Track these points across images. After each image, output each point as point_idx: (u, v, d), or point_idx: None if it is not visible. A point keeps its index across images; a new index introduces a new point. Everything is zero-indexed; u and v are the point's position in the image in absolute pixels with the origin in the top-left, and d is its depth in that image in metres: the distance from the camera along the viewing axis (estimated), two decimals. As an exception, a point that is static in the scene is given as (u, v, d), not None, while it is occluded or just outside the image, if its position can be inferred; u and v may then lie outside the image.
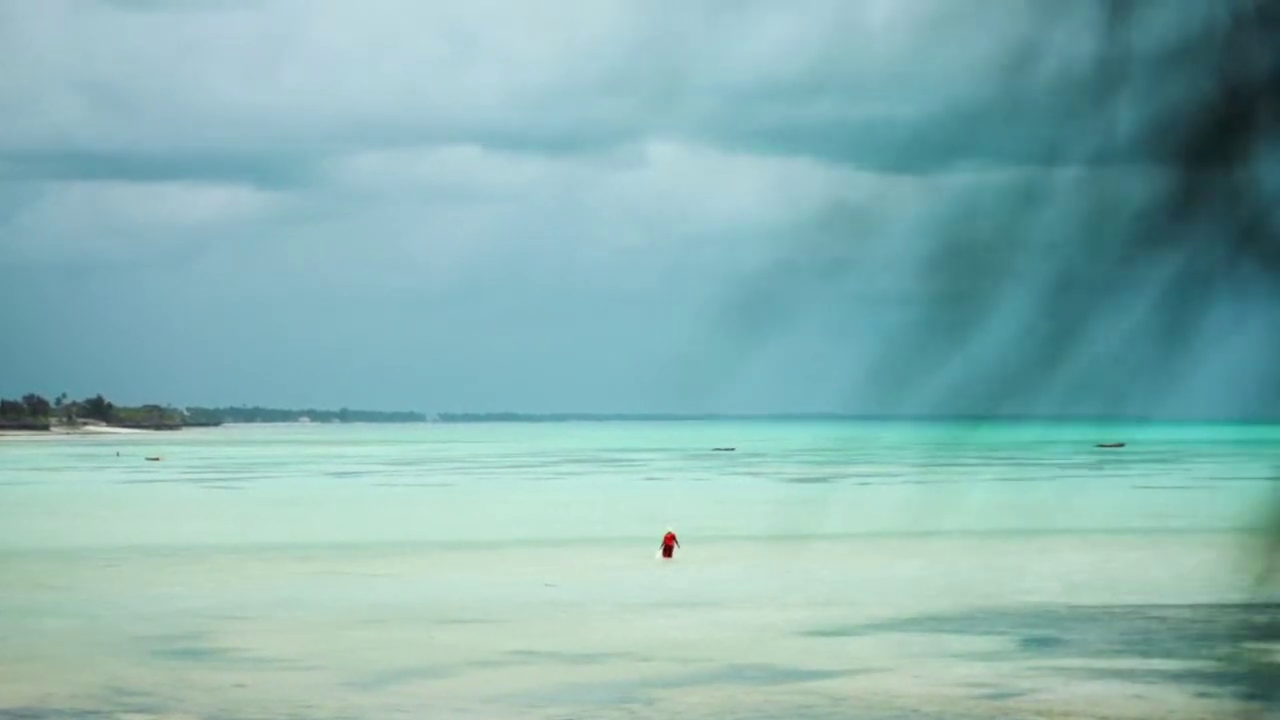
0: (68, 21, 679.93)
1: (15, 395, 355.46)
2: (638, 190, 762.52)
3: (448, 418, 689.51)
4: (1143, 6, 5.94)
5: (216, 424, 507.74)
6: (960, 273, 6.19)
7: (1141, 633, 35.80)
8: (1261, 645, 34.07)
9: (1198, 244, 6.05)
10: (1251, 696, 28.45)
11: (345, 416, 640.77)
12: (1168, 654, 32.68)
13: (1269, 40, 5.61)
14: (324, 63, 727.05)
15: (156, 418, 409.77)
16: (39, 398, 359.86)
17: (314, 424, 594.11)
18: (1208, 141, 5.94)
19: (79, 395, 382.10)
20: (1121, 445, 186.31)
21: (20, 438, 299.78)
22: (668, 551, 55.50)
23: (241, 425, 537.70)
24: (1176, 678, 29.94)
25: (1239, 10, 5.66)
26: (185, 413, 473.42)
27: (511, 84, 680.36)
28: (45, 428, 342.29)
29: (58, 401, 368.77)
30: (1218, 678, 29.96)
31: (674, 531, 57.90)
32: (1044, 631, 36.26)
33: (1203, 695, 28.29)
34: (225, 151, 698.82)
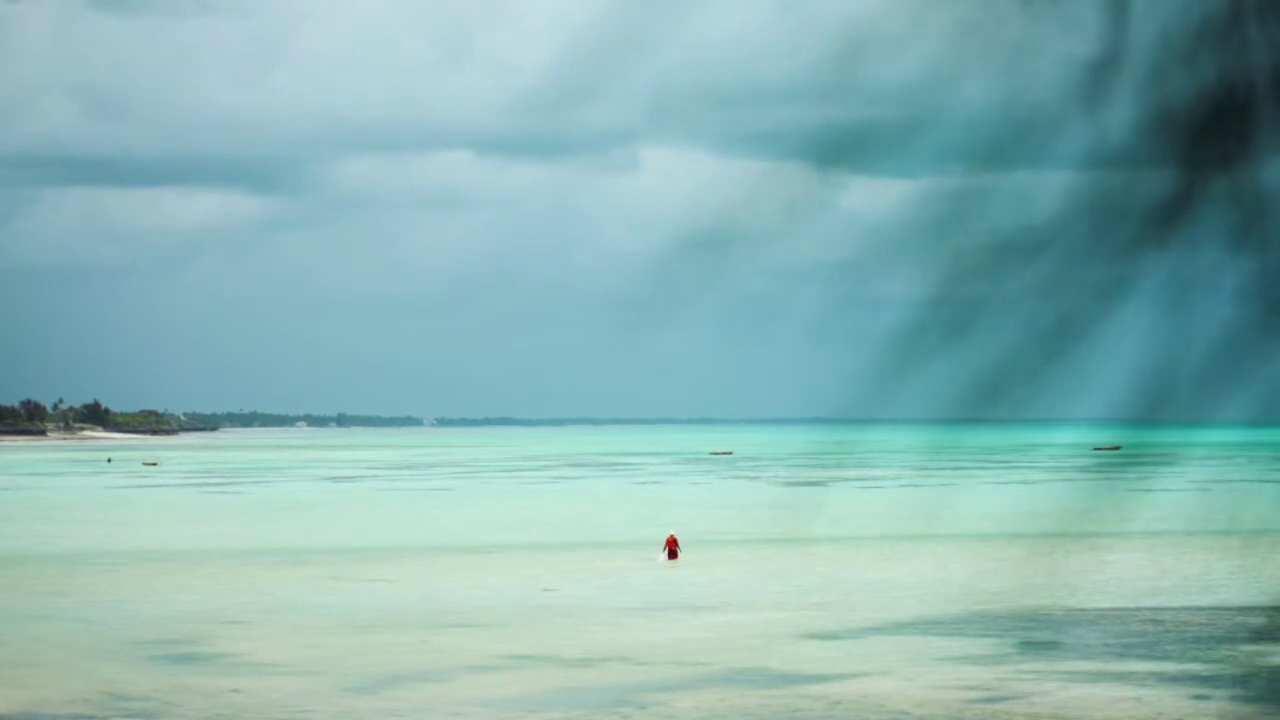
0: (61, 28, 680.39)
1: (12, 400, 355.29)
2: (631, 194, 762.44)
3: (444, 422, 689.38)
4: (1140, 5, 5.91)
5: (213, 429, 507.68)
6: (955, 275, 6.16)
7: (1139, 636, 35.77)
8: (1259, 648, 34.04)
9: (1195, 245, 6.01)
10: (1248, 699, 28.44)
11: (342, 421, 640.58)
12: (1165, 657, 32.66)
13: (1267, 37, 5.58)
14: (316, 68, 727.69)
15: (153, 423, 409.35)
16: (36, 403, 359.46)
17: (311, 429, 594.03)
18: (1206, 141, 5.90)
19: (76, 400, 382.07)
20: (1118, 448, 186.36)
21: (17, 443, 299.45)
22: (671, 554, 55.43)
23: (238, 430, 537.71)
24: (1174, 680, 29.91)
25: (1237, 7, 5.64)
26: (182, 418, 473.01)
27: (503, 89, 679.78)
28: (42, 433, 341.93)
29: (54, 407, 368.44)
30: (1215, 680, 29.94)
31: (675, 535, 57.88)
32: (1040, 634, 36.23)
33: (1200, 698, 28.27)
34: (218, 157, 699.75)
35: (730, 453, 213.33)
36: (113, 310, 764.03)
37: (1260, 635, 35.83)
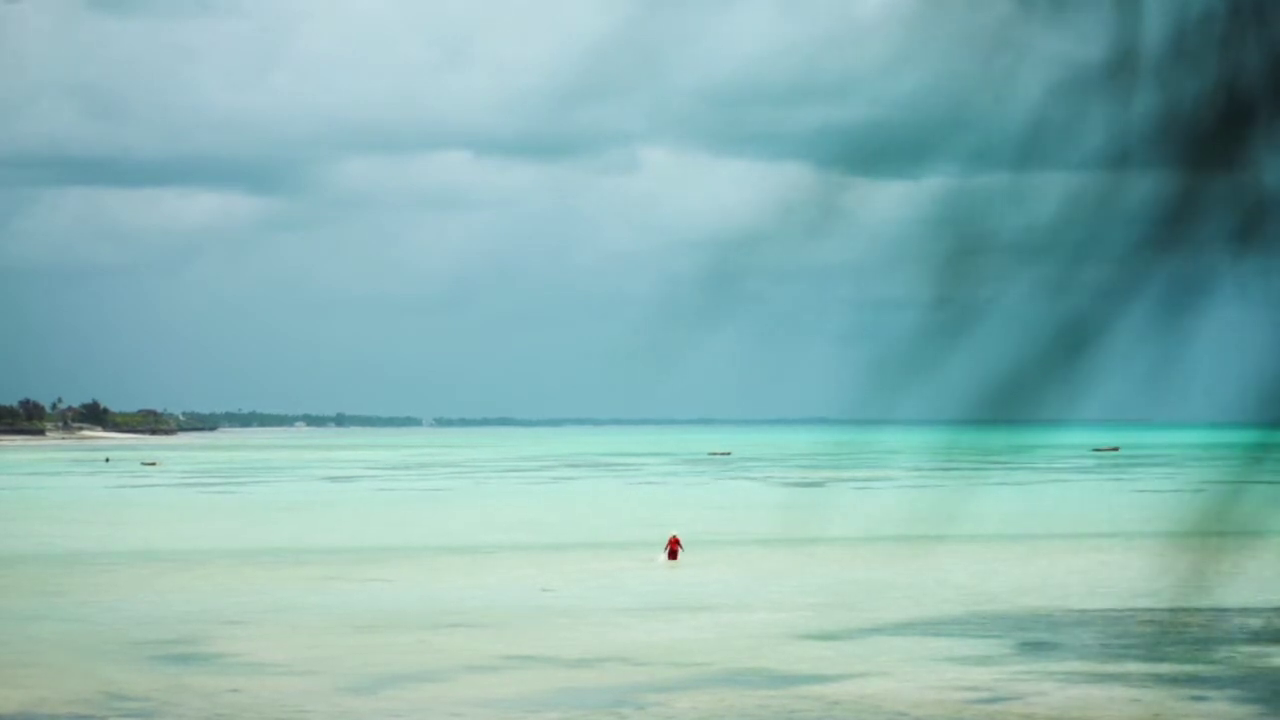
0: (61, 28, 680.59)
1: (11, 400, 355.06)
2: (630, 194, 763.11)
3: (443, 422, 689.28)
4: (1144, 7, 5.92)
5: (212, 429, 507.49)
6: (955, 277, 6.16)
7: (1137, 636, 35.80)
8: (1256, 649, 34.06)
9: (1196, 246, 6.02)
10: (1246, 701, 28.46)
11: (341, 421, 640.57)
12: (1163, 657, 32.68)
13: (1265, 40, 5.59)
14: (316, 68, 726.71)
15: (152, 423, 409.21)
16: (35, 403, 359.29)
17: (309, 429, 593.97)
18: (1207, 142, 5.91)
19: (75, 400, 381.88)
20: (1117, 449, 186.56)
21: (16, 443, 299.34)
22: (672, 554, 55.44)
23: (237, 430, 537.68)
24: (1172, 681, 29.93)
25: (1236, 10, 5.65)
26: (181, 418, 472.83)
27: (502, 89, 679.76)
28: (41, 433, 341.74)
29: (53, 406, 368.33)
30: (1214, 681, 29.95)
31: (678, 535, 57.91)
32: (1038, 635, 36.26)
33: (1199, 699, 28.29)
34: (217, 157, 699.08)
35: (729, 453, 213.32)
36: (112, 310, 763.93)
37: (1258, 637, 35.84)
